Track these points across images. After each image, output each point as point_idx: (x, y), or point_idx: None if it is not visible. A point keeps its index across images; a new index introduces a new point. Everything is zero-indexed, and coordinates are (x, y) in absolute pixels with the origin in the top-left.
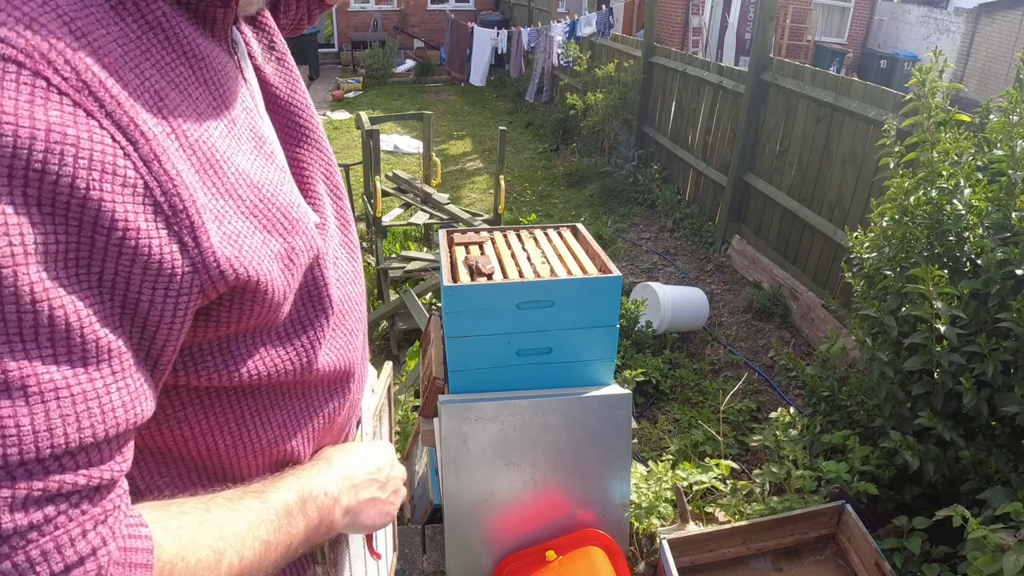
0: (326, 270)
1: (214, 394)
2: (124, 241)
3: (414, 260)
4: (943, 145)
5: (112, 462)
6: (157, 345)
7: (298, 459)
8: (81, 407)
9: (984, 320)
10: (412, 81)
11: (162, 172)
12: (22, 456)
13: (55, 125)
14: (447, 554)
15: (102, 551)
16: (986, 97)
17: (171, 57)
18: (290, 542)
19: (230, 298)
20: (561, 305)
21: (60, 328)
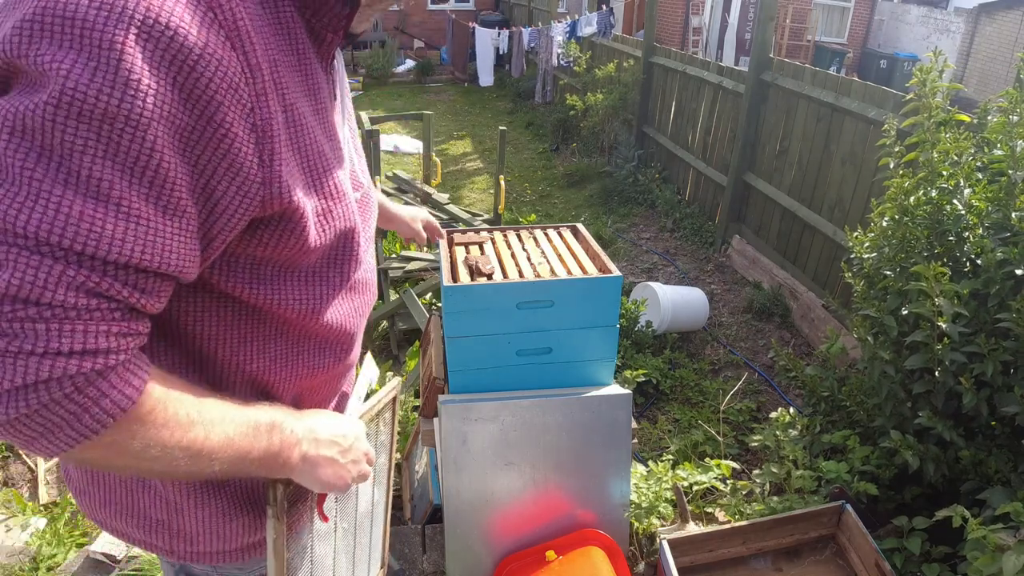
0: (356, 243)
1: (232, 306)
2: (224, 138)
3: (414, 260)
4: (943, 145)
5: (150, 296)
6: (215, 228)
7: (277, 394)
8: (149, 238)
9: (984, 320)
10: (412, 81)
11: (266, 107)
12: (96, 251)
13: (211, 44)
14: (447, 554)
15: (113, 356)
16: (986, 97)
17: (287, 47)
18: (249, 451)
19: (277, 221)
20: (561, 305)
21: (159, 177)
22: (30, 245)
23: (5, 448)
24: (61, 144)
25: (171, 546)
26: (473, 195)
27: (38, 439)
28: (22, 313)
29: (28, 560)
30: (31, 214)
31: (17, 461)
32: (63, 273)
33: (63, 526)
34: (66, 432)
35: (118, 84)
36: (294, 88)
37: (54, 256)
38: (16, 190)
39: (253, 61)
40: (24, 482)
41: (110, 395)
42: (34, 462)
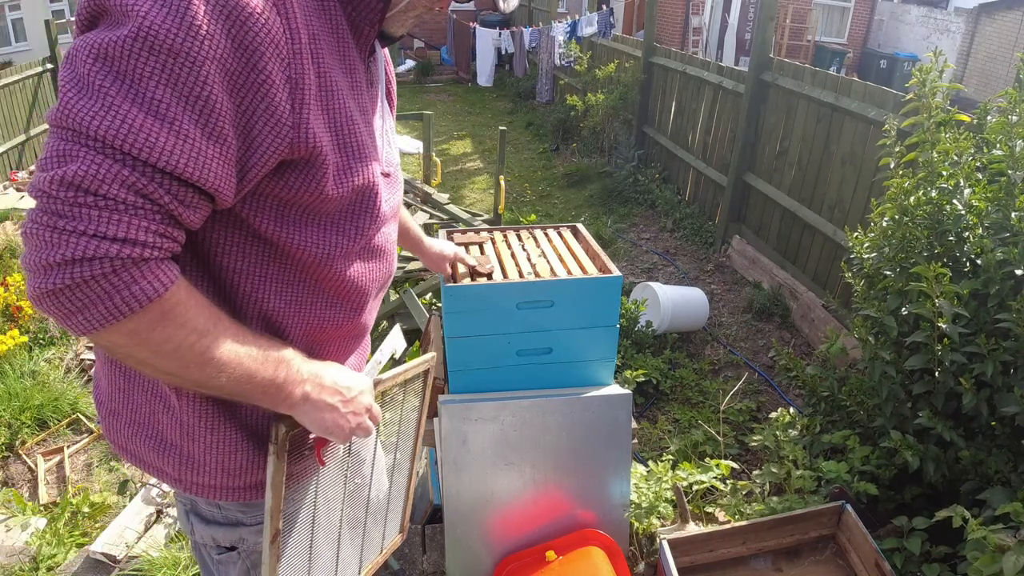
0: (375, 204)
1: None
2: (264, 83)
3: (414, 260)
4: (943, 145)
5: (188, 208)
6: (251, 162)
7: (288, 339)
8: (193, 155)
9: (984, 320)
10: (412, 81)
11: (299, 63)
12: (148, 157)
13: (260, 6)
14: (447, 554)
15: (149, 249)
16: (986, 97)
17: (327, 27)
18: (254, 374)
19: (302, 165)
20: (561, 305)
21: (208, 107)
22: (97, 146)
23: (5, 448)
24: (134, 70)
25: (179, 474)
26: (473, 195)
27: (75, 313)
28: (82, 199)
29: (28, 560)
30: (102, 121)
31: (17, 461)
32: (119, 172)
33: (63, 526)
34: (99, 309)
35: (183, 27)
36: (331, 62)
37: (114, 158)
38: (94, 102)
39: (294, 26)
40: (24, 482)
41: (140, 283)
42: (34, 462)
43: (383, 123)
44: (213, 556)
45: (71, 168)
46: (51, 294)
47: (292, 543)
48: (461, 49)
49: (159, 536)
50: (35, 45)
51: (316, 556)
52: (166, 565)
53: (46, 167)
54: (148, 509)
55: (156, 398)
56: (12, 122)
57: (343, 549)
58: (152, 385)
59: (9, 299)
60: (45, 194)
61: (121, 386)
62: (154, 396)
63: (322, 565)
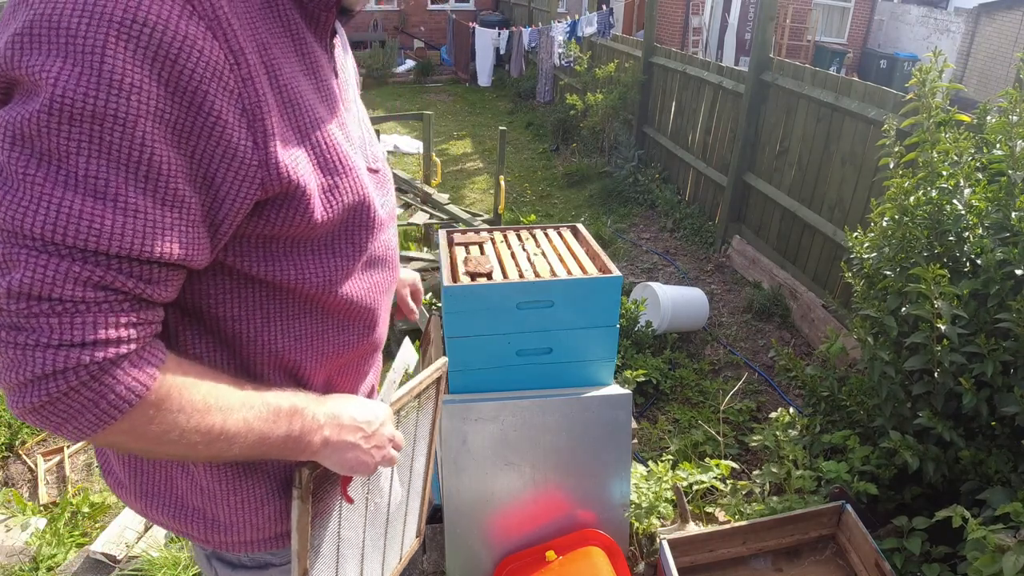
0: (370, 217)
1: (250, 285)
2: (215, 126)
3: (414, 260)
4: (943, 145)
5: (157, 286)
6: (221, 214)
7: (306, 375)
8: (149, 230)
9: (984, 320)
10: (412, 81)
11: (253, 91)
12: (98, 246)
13: (190, 35)
14: (447, 554)
15: (125, 345)
16: (986, 97)
17: (279, 29)
18: (268, 436)
19: (280, 200)
20: (561, 305)
21: (154, 171)
22: (37, 245)
23: (5, 448)
24: (57, 147)
25: (207, 536)
26: (473, 195)
27: (63, 424)
28: (36, 309)
29: (28, 560)
30: (35, 216)
31: (17, 461)
32: (69, 269)
33: (63, 526)
34: (86, 418)
35: (103, 85)
36: (290, 69)
37: (60, 254)
38: (21, 194)
39: (236, 46)
40: (24, 482)
41: (124, 382)
42: (34, 462)
43: (359, 111)
44: None
45: (15, 276)
46: (32, 411)
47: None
48: (461, 49)
49: (159, 536)
50: None
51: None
52: (166, 565)
53: None
54: None
55: (166, 468)
56: None
57: (367, 565)
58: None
59: None
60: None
61: (126, 459)
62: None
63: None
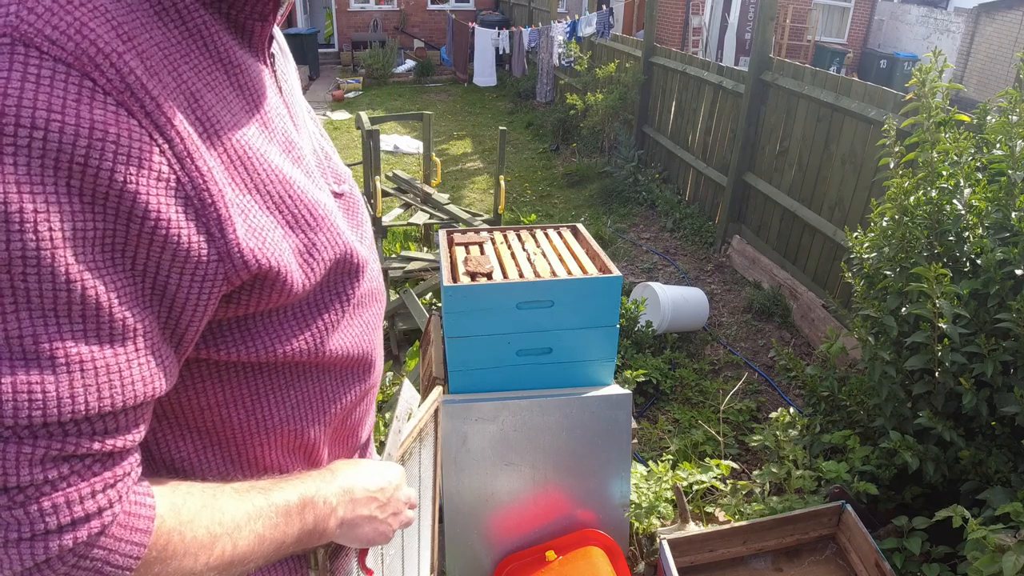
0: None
1: (232, 368)
2: (156, 230)
3: (414, 260)
4: (943, 145)
5: (127, 432)
6: (183, 324)
7: (312, 445)
8: (103, 379)
9: (984, 320)
10: (412, 81)
11: (194, 169)
12: (45, 419)
13: (98, 123)
14: (447, 554)
15: (107, 512)
16: (986, 97)
17: (208, 62)
18: (283, 540)
19: (251, 284)
20: (561, 305)
21: (91, 307)
22: None
23: None
24: None
25: None
26: (473, 195)
27: None
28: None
29: None
30: None
31: None
32: (19, 452)
33: None
34: None
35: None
36: (229, 115)
37: (3, 438)
38: None
39: (161, 119)
40: None
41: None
42: None
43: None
44: None
45: None
46: None
47: None
48: (460, 49)
49: None
50: None
51: None
52: None
53: None
54: None
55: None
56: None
57: None
58: None
59: None
60: None
61: None
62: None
63: None
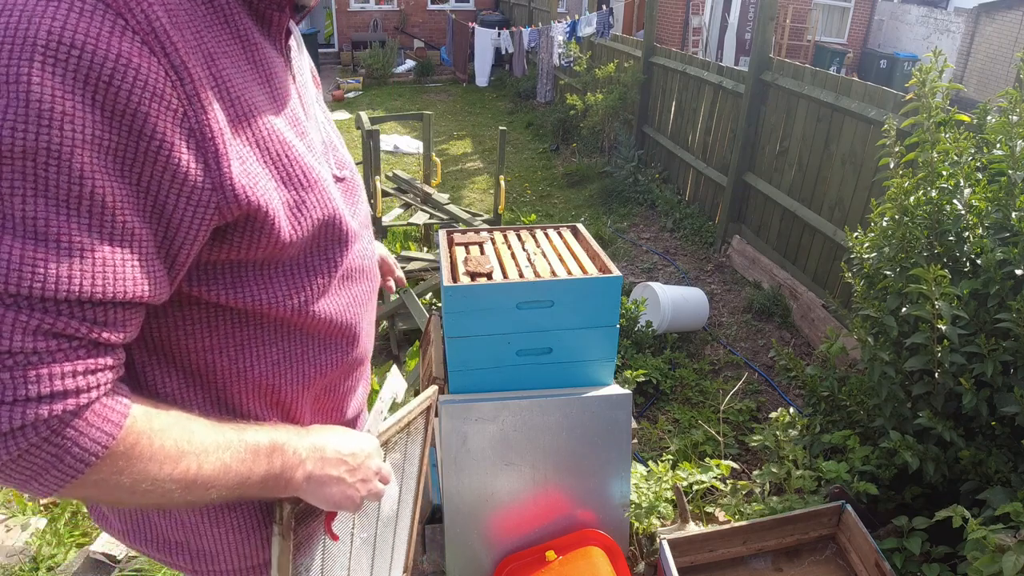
0: (342, 229)
1: (222, 314)
2: (160, 150)
3: (414, 260)
4: (943, 145)
5: (113, 329)
6: (176, 244)
7: (289, 401)
8: (98, 269)
9: (984, 320)
10: (412, 81)
11: (200, 108)
12: (44, 293)
13: (124, 53)
14: (447, 554)
15: (84, 395)
16: (986, 97)
17: (228, 36)
18: (248, 476)
19: (243, 224)
20: (561, 305)
21: (97, 205)
22: None
23: None
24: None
25: (194, 566)
26: (473, 195)
27: (29, 482)
28: None
29: (28, 560)
30: None
31: None
32: (16, 319)
33: (63, 526)
34: (52, 474)
35: (31, 117)
36: (241, 79)
37: (4, 304)
38: None
39: (177, 61)
40: None
41: (88, 434)
42: None
43: (320, 114)
44: None
45: None
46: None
47: None
48: (460, 49)
49: None
50: None
51: None
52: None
53: None
54: None
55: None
56: None
57: None
58: None
59: None
60: None
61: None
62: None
63: None
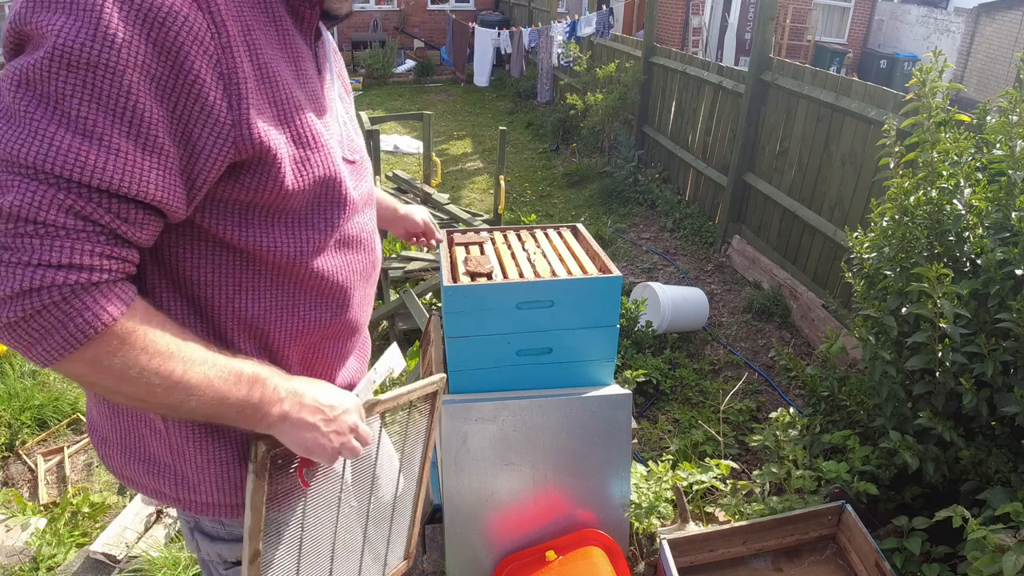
0: (341, 193)
1: (226, 252)
2: (194, 84)
3: (414, 260)
4: (943, 145)
5: (132, 226)
6: (196, 168)
7: (277, 348)
8: (128, 168)
9: (984, 320)
10: (412, 81)
11: (231, 57)
12: (80, 178)
13: (177, 4)
14: (447, 554)
15: (97, 273)
16: (986, 97)
17: (264, 18)
18: (227, 397)
19: (254, 167)
20: (561, 305)
21: (137, 118)
22: (30, 173)
23: (5, 448)
24: (55, 91)
25: (177, 493)
26: (473, 195)
27: (33, 345)
28: (22, 230)
29: (28, 560)
30: (30, 148)
31: (17, 461)
32: (55, 197)
33: (63, 526)
34: (55, 339)
35: (98, 38)
36: (271, 52)
37: (48, 183)
38: (20, 130)
39: (218, 19)
40: (24, 482)
41: (92, 308)
42: (34, 462)
43: (341, 110)
44: (221, 572)
45: (7, 199)
46: (8, 328)
47: (277, 566)
48: (460, 49)
49: (159, 536)
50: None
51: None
52: (166, 565)
53: None
54: (148, 509)
55: (142, 423)
56: None
57: (337, 571)
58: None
59: None
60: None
61: (107, 413)
62: (140, 421)
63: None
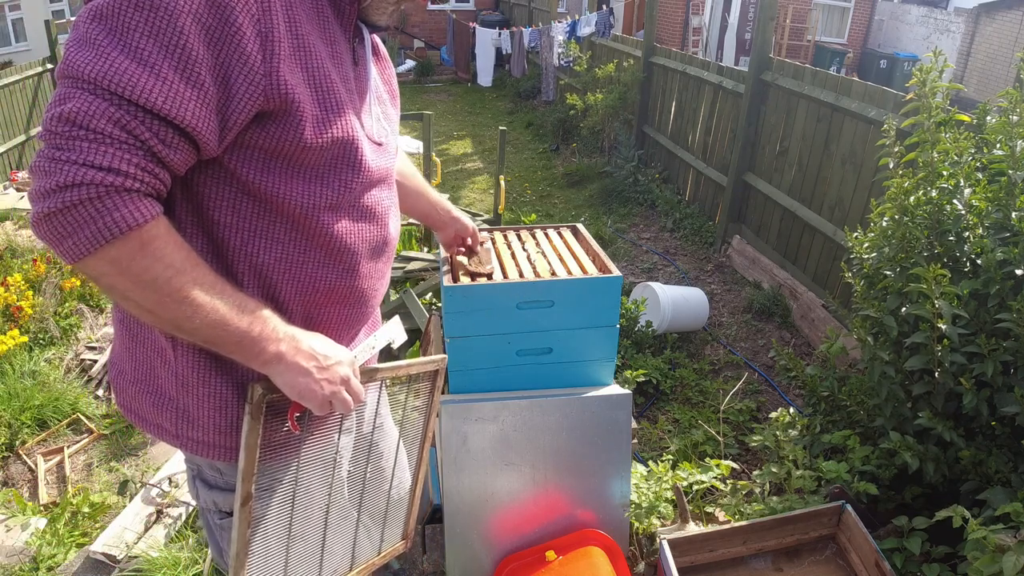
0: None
1: (246, 199)
2: (236, 34)
3: (414, 260)
4: (943, 145)
5: (168, 147)
6: (230, 108)
7: (282, 298)
8: (171, 94)
9: (984, 320)
10: (412, 81)
11: (270, 19)
12: (130, 96)
13: None
14: (447, 554)
15: (131, 180)
16: (986, 97)
17: (312, 9)
18: (227, 322)
19: (279, 117)
20: (561, 305)
21: (186, 55)
22: (89, 87)
23: (5, 448)
24: (122, 25)
25: (176, 429)
26: (473, 195)
27: (65, 238)
28: (75, 133)
29: (28, 560)
30: (94, 67)
31: (17, 461)
32: (106, 109)
33: (63, 526)
34: (85, 233)
35: None
36: (308, 28)
37: (103, 96)
38: (89, 53)
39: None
40: (24, 482)
41: (122, 210)
42: (34, 462)
43: (377, 107)
44: (215, 521)
45: (68, 106)
46: (45, 218)
47: (269, 517)
48: (461, 49)
49: (159, 536)
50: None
51: (297, 537)
52: (166, 565)
53: (50, 108)
54: (148, 509)
55: (155, 352)
56: (12, 122)
57: (331, 538)
58: (151, 340)
59: (9, 299)
60: (47, 131)
61: (127, 344)
62: (153, 351)
63: (304, 548)
